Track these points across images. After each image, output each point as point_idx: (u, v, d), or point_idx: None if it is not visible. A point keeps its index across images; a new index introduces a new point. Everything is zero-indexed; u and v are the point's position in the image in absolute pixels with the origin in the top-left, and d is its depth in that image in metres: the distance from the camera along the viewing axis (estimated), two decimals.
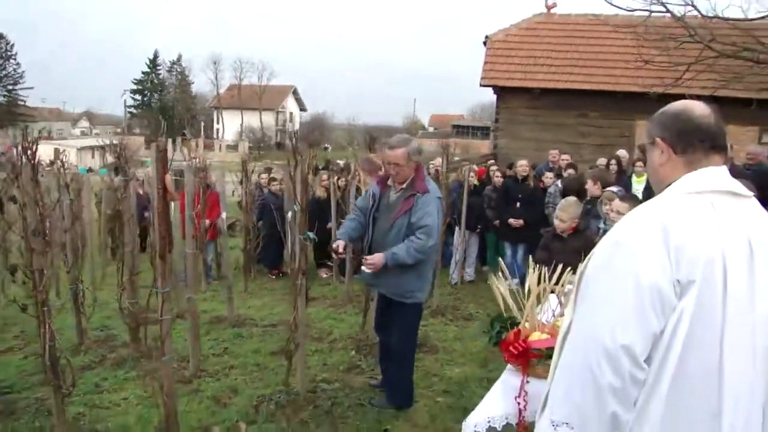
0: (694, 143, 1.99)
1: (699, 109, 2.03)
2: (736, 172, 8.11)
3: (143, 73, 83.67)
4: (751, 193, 2.01)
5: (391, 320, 5.00)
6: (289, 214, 6.05)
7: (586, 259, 2.01)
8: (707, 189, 1.93)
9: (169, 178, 4.24)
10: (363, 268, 4.76)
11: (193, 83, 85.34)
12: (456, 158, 11.12)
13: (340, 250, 4.88)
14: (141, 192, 10.65)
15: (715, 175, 1.96)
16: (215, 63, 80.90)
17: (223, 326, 7.40)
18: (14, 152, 5.04)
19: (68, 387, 4.55)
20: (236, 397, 5.35)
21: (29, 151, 4.47)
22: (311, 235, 5.18)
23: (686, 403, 1.83)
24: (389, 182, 5.00)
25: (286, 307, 8.16)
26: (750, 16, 11.10)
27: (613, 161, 10.41)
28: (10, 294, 7.50)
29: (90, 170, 11.89)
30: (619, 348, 1.79)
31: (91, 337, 6.84)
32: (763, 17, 11.21)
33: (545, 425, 1.97)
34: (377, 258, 4.65)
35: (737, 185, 1.97)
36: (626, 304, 1.81)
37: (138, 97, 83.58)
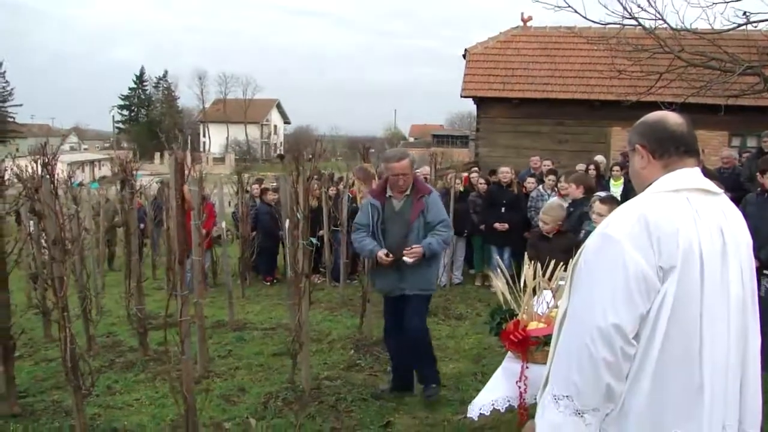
0: (670, 149, 2.23)
1: (673, 118, 2.29)
2: (707, 175, 8.46)
3: (130, 89, 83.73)
4: (722, 190, 2.26)
5: (409, 315, 5.31)
6: (287, 222, 6.34)
7: (578, 252, 2.24)
8: (683, 187, 2.16)
9: (187, 188, 4.54)
10: (405, 259, 5.07)
11: (179, 98, 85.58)
12: (441, 167, 11.46)
13: (389, 256, 5.15)
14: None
15: (689, 175, 2.20)
16: (200, 78, 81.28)
17: (224, 330, 7.68)
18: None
19: (88, 387, 4.80)
20: (244, 395, 5.61)
21: (49, 166, 4.77)
22: (314, 240, 5.51)
23: (672, 375, 2.05)
24: (388, 193, 5.35)
25: (283, 312, 8.46)
26: (716, 28, 11.53)
27: (592, 166, 10.82)
28: (32, 299, 7.69)
29: (81, 184, 12.09)
30: (611, 327, 2.00)
31: (98, 343, 7.08)
32: (728, 29, 11.66)
33: (548, 400, 2.15)
34: (418, 248, 5.06)
35: (709, 183, 2.22)
36: (616, 288, 2.03)
37: (126, 112, 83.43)
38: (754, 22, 11.35)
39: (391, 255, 5.14)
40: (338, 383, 5.82)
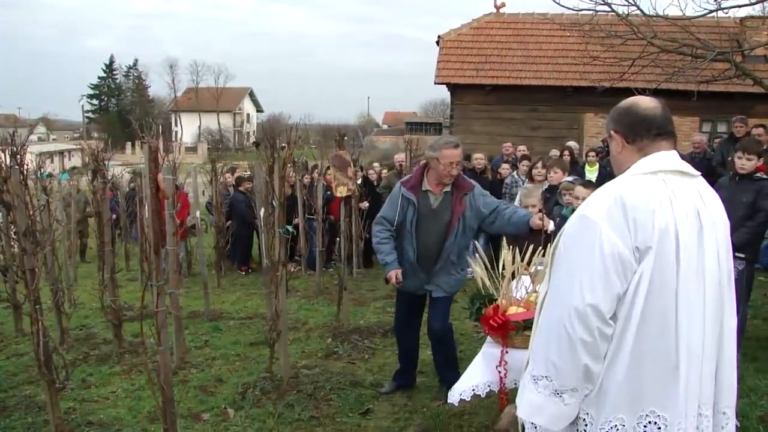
0: (641, 132, 2.27)
1: (644, 102, 2.32)
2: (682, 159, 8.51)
3: (99, 78, 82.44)
4: (698, 173, 2.29)
5: (437, 316, 5.15)
6: (262, 211, 6.29)
7: (558, 235, 2.28)
8: (659, 169, 2.19)
9: (161, 177, 4.47)
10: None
11: (149, 87, 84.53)
12: (417, 153, 11.42)
13: (399, 279, 4.89)
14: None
15: (665, 158, 2.24)
16: (171, 67, 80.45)
17: (200, 321, 7.63)
18: None
19: (62, 381, 4.73)
20: (222, 385, 5.58)
21: (18, 156, 4.67)
22: (290, 228, 5.47)
23: (649, 354, 2.08)
24: (425, 186, 4.95)
25: (259, 301, 8.42)
26: (688, 14, 11.60)
27: (566, 152, 10.88)
28: (2, 292, 7.56)
29: (50, 175, 11.89)
30: (588, 307, 2.04)
31: (72, 336, 6.98)
32: (699, 16, 11.73)
33: (528, 380, 2.21)
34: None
35: (686, 165, 2.25)
36: (593, 269, 2.06)
37: (95, 101, 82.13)
38: (725, 8, 11.42)
39: (400, 280, 4.86)
40: (316, 371, 5.81)
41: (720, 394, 2.25)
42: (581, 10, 11.83)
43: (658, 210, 2.08)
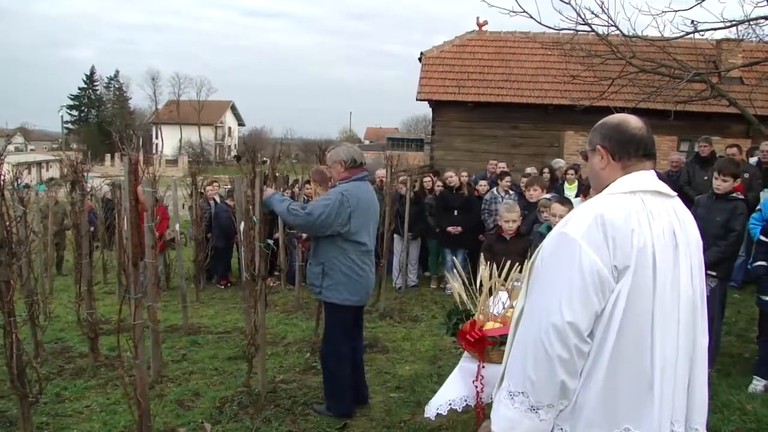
0: (630, 151, 2.28)
1: (634, 122, 2.34)
2: (659, 178, 8.61)
3: (80, 89, 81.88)
4: (675, 193, 2.32)
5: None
6: (242, 225, 6.28)
7: (536, 251, 2.28)
8: (638, 189, 2.21)
9: (141, 189, 4.46)
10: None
11: (130, 99, 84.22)
12: (397, 169, 11.47)
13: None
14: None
15: (645, 178, 2.26)
16: (153, 79, 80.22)
17: (178, 334, 7.57)
18: None
19: (35, 395, 4.67)
20: (199, 400, 5.53)
21: None
22: (271, 242, 5.47)
23: (624, 372, 2.10)
24: None
25: (237, 315, 8.39)
26: (666, 36, 11.79)
27: (546, 170, 10.98)
28: None
29: (27, 186, 11.74)
30: (566, 324, 2.05)
31: (47, 350, 6.90)
32: (677, 37, 11.92)
33: (504, 396, 2.19)
34: None
35: (663, 186, 2.28)
36: (572, 286, 2.07)
37: (75, 112, 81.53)
38: (701, 30, 11.62)
39: None
40: (294, 386, 5.78)
41: (692, 410, 2.27)
42: (562, 29, 12.00)
43: (637, 229, 2.10)
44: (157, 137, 75.70)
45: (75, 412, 5.36)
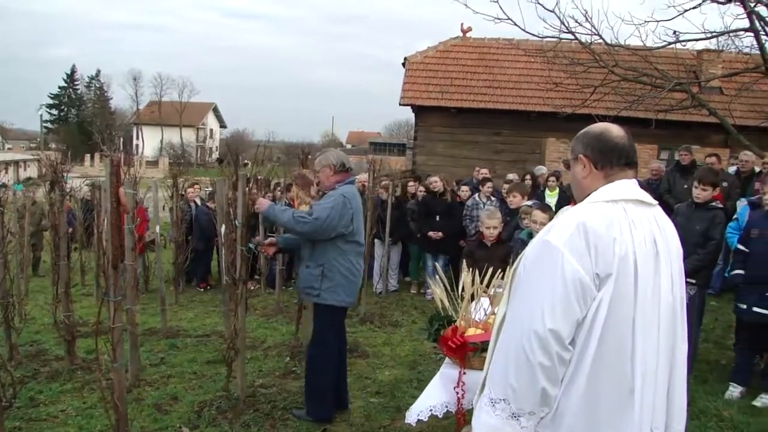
0: (612, 160, 2.30)
1: (616, 131, 2.35)
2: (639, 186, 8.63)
3: (60, 87, 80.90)
4: (656, 202, 2.34)
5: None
6: (223, 228, 6.25)
7: (518, 258, 2.28)
8: (620, 197, 2.22)
9: (123, 191, 4.42)
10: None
11: (111, 98, 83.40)
12: (379, 174, 11.47)
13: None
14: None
15: (627, 187, 2.27)
16: (135, 79, 79.52)
17: (157, 338, 7.49)
18: None
19: (9, 399, 4.60)
20: (177, 404, 5.48)
21: None
22: (252, 246, 5.43)
23: (605, 379, 2.10)
24: None
25: (217, 319, 8.33)
26: (648, 45, 11.92)
27: (528, 176, 11.03)
28: None
29: (4, 185, 11.58)
30: (548, 332, 2.05)
31: (21, 353, 6.79)
32: (659, 47, 12.06)
33: (485, 403, 2.19)
34: None
35: (645, 195, 2.29)
36: (554, 294, 2.07)
37: (55, 111, 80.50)
38: (683, 41, 11.78)
39: None
40: (273, 391, 5.75)
41: (671, 416, 2.28)
42: (546, 37, 12.11)
43: (618, 238, 2.11)
44: (137, 138, 75.18)
45: (50, 417, 5.28)
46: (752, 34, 11.16)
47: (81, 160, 54.95)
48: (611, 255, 2.10)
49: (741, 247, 5.90)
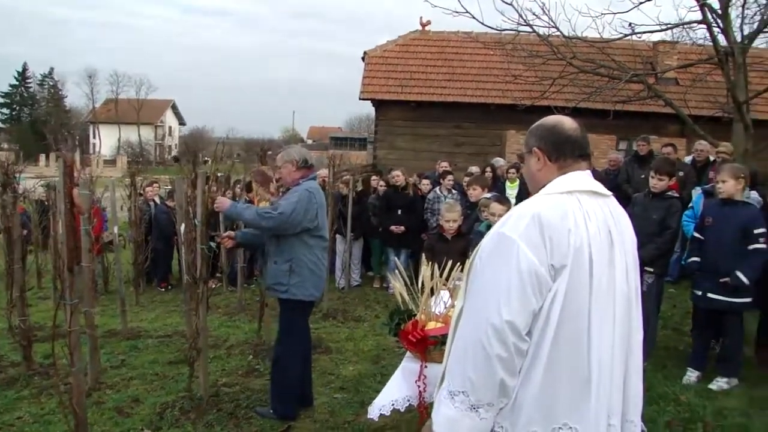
0: (566, 152, 2.32)
1: (569, 123, 2.38)
2: (596, 177, 8.79)
3: (11, 86, 78.63)
4: (610, 193, 2.37)
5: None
6: (182, 227, 6.18)
7: (475, 250, 2.29)
8: (575, 189, 2.24)
9: (77, 192, 4.34)
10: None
11: (66, 97, 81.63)
12: (339, 169, 11.45)
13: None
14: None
15: (581, 178, 2.30)
16: (90, 77, 77.93)
17: (117, 339, 7.37)
18: None
19: None
20: (139, 406, 5.39)
21: None
22: (212, 245, 5.38)
23: (562, 369, 2.12)
24: None
25: (179, 318, 8.23)
26: (605, 37, 12.07)
27: (488, 169, 11.09)
28: None
29: None
30: (505, 323, 2.06)
31: None
32: (615, 39, 12.22)
33: (444, 395, 2.19)
34: None
35: (599, 186, 2.32)
36: (510, 286, 2.08)
37: (6, 111, 78.48)
38: (638, 33, 11.95)
39: None
40: (237, 389, 5.71)
41: (627, 404, 2.31)
42: (504, 30, 12.18)
43: (573, 229, 2.13)
44: (94, 137, 73.86)
45: (5, 425, 5.14)
46: (705, 26, 11.36)
47: (36, 160, 53.76)
48: (566, 246, 2.11)
49: (697, 234, 6.01)
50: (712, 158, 9.85)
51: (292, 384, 5.13)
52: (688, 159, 10.89)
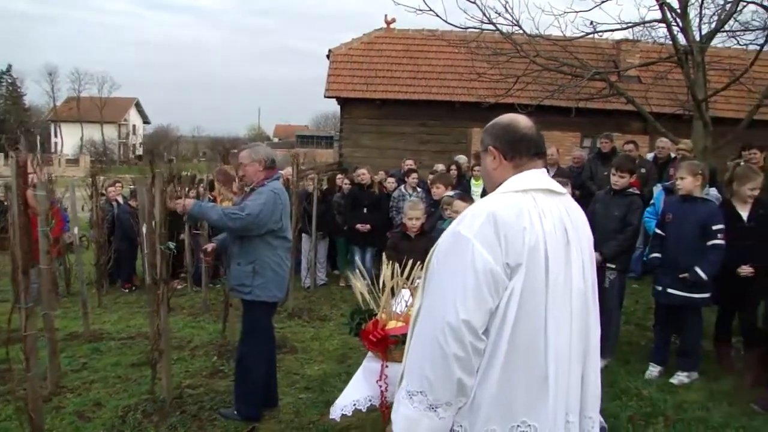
0: (521, 151, 2.33)
1: (524, 121, 2.39)
2: (562, 173, 8.89)
3: None
4: (566, 191, 2.38)
5: None
6: (144, 227, 6.10)
7: (432, 250, 2.30)
8: (530, 187, 2.25)
9: (31, 193, 4.25)
10: None
11: (25, 95, 79.88)
12: (303, 167, 11.40)
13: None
14: None
15: (536, 176, 2.30)
16: (51, 74, 76.30)
17: (78, 342, 7.22)
18: None
19: None
20: (100, 410, 5.31)
21: None
22: (171, 245, 5.31)
23: (519, 367, 2.13)
24: None
25: (142, 320, 8.12)
26: (567, 35, 12.16)
27: (453, 166, 11.12)
28: None
29: None
30: (461, 323, 2.06)
31: None
32: (578, 37, 12.33)
33: (403, 395, 2.20)
34: None
35: (554, 184, 2.33)
36: (465, 285, 2.09)
37: None
38: (600, 31, 12.07)
39: None
40: (201, 391, 5.66)
41: (585, 401, 2.33)
42: (468, 28, 12.19)
43: (528, 227, 2.14)
44: (56, 136, 72.51)
45: None
46: (664, 25, 11.51)
47: None
48: (521, 244, 2.12)
49: (658, 231, 6.10)
50: (673, 155, 9.99)
51: (256, 385, 5.10)
52: (650, 156, 11.04)
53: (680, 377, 5.83)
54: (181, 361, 6.49)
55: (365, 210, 9.84)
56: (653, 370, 5.99)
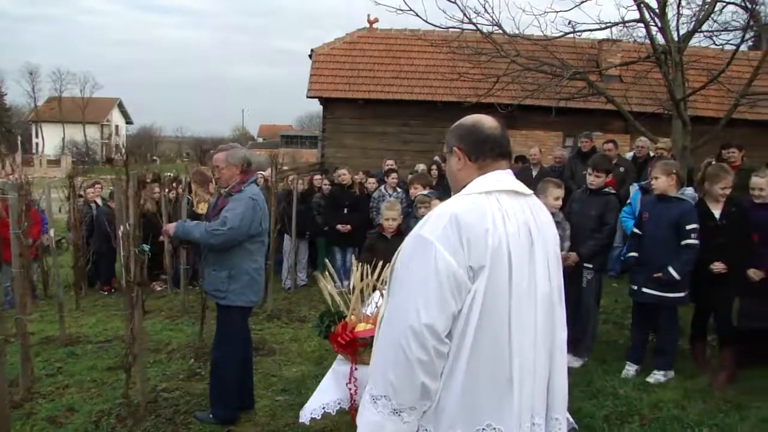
0: (485, 152, 2.32)
1: (488, 122, 2.37)
2: (544, 173, 8.89)
3: None
4: (531, 192, 2.37)
5: None
6: (121, 229, 6.04)
7: (396, 253, 2.28)
8: (494, 189, 2.24)
9: None
10: None
11: (6, 95, 79.06)
12: (285, 168, 11.37)
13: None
14: None
15: (501, 178, 2.29)
16: (32, 74, 75.48)
17: (54, 346, 7.12)
18: None
19: None
20: (74, 415, 5.23)
21: None
22: (146, 247, 5.27)
23: (483, 370, 2.13)
24: None
25: (119, 323, 8.04)
26: (547, 35, 12.17)
27: (434, 166, 11.11)
28: None
29: None
30: (424, 327, 2.06)
31: None
32: (557, 37, 12.35)
33: (367, 399, 2.20)
34: None
35: (519, 185, 2.32)
36: (428, 289, 2.08)
37: None
38: (579, 31, 12.10)
39: None
40: (176, 394, 5.61)
41: (552, 402, 2.33)
42: (449, 28, 12.18)
43: (491, 229, 2.13)
44: (37, 136, 71.79)
45: None
46: (643, 25, 11.56)
47: None
48: (484, 247, 2.11)
49: (635, 230, 6.12)
50: (652, 154, 10.04)
51: (232, 388, 5.06)
52: (629, 155, 11.09)
53: (656, 376, 5.85)
54: (158, 364, 6.43)
55: (345, 210, 9.82)
56: (630, 369, 6.01)
